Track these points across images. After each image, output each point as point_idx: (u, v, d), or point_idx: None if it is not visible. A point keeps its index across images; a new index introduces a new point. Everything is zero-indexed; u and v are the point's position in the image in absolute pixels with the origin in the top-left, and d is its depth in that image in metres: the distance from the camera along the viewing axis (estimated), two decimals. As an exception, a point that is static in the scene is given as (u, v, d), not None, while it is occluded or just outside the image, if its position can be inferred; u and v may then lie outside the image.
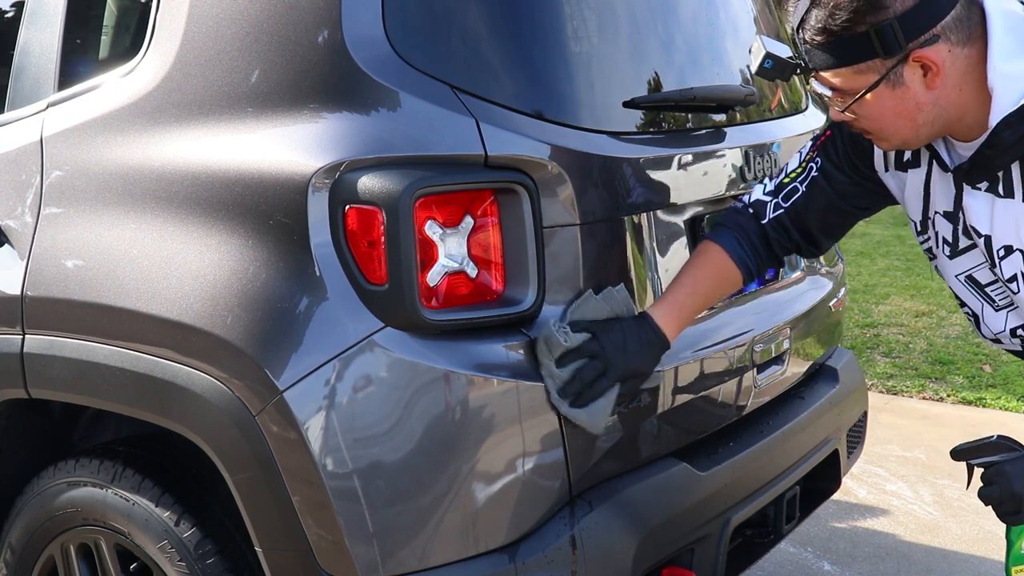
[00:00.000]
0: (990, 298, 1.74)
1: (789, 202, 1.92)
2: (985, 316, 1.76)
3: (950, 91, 1.55)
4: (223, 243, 1.77)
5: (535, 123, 1.81)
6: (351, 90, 1.75)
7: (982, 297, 1.75)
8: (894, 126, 1.60)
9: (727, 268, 1.94)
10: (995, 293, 1.73)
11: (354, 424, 1.69)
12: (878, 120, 1.60)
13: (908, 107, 1.56)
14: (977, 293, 1.75)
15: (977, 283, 1.74)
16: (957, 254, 1.74)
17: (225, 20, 1.84)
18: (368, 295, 1.69)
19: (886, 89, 1.55)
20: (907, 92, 1.55)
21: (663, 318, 1.88)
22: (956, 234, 1.72)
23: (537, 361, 1.78)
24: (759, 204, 1.96)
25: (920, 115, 1.57)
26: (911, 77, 1.54)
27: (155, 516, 1.93)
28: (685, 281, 1.93)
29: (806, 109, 2.70)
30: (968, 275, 1.74)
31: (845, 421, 2.61)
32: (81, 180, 1.96)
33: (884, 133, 1.63)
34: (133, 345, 1.86)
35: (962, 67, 1.53)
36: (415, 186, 1.66)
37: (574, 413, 1.79)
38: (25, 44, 2.13)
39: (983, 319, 1.77)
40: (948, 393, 4.91)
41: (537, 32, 1.88)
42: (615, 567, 1.84)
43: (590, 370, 1.79)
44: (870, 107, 1.58)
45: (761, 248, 1.96)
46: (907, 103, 1.56)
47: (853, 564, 3.33)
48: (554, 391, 1.78)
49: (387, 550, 1.71)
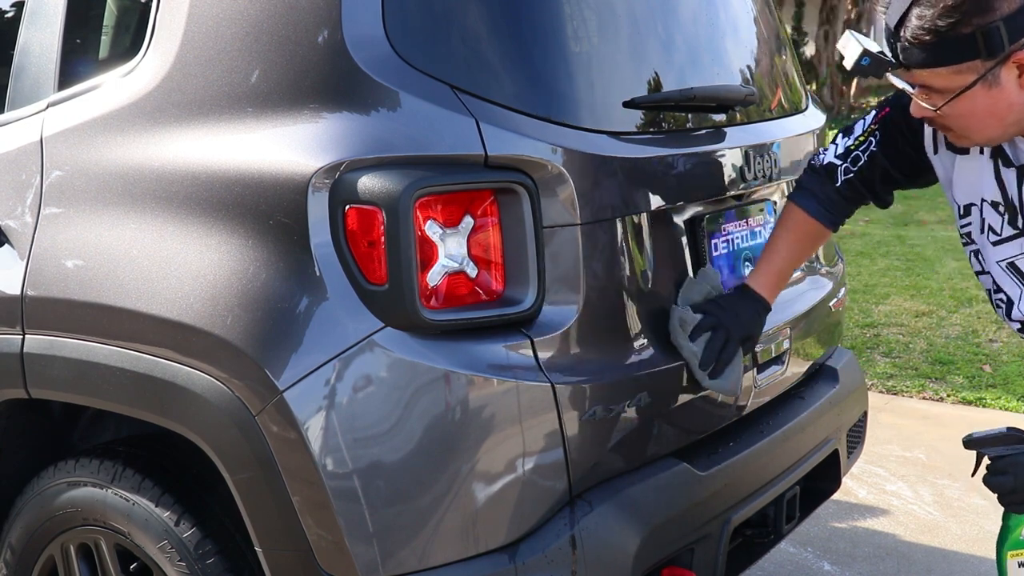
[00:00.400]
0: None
1: (856, 167, 2.01)
2: (1022, 302, 1.79)
3: None
4: (223, 243, 1.77)
5: (535, 123, 1.81)
6: (351, 90, 1.75)
7: (1022, 283, 1.78)
8: (982, 124, 1.61)
9: (814, 227, 2.08)
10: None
11: (354, 424, 1.69)
12: (967, 119, 1.61)
13: (1001, 107, 1.57)
14: (1018, 279, 1.79)
15: (1019, 270, 1.77)
16: (1002, 242, 1.77)
17: (225, 20, 1.84)
18: (368, 295, 1.69)
19: (982, 89, 1.56)
20: (1002, 93, 1.56)
21: (763, 285, 2.07)
22: (1003, 223, 1.75)
23: None
24: (831, 167, 2.04)
25: (1011, 115, 1.59)
26: (1007, 78, 1.55)
27: (155, 516, 1.93)
28: (778, 246, 2.10)
29: (806, 109, 2.70)
30: (1010, 262, 1.78)
31: (845, 421, 2.61)
32: (81, 180, 1.96)
33: (969, 131, 1.64)
34: (133, 345, 1.86)
35: None
36: (415, 186, 1.66)
37: (715, 384, 2.01)
38: (25, 44, 2.13)
39: (1018, 304, 1.80)
40: (948, 393, 4.91)
41: (537, 32, 1.88)
42: (615, 567, 1.84)
43: (717, 340, 1.98)
44: (962, 106, 1.59)
45: (839, 203, 2.07)
46: (1000, 103, 1.57)
47: (853, 564, 3.33)
48: (695, 365, 1.98)
49: (387, 550, 1.71)
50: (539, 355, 1.79)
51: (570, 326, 1.83)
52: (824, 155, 2.08)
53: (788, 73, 2.67)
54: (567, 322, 1.83)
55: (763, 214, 2.39)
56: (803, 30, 19.02)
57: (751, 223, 2.33)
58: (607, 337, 1.92)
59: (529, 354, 1.79)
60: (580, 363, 1.86)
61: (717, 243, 2.20)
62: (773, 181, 2.35)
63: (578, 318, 1.84)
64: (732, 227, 2.26)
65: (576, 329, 1.84)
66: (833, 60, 16.79)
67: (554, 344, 1.81)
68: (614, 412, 1.87)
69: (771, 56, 2.59)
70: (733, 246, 2.26)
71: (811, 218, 2.08)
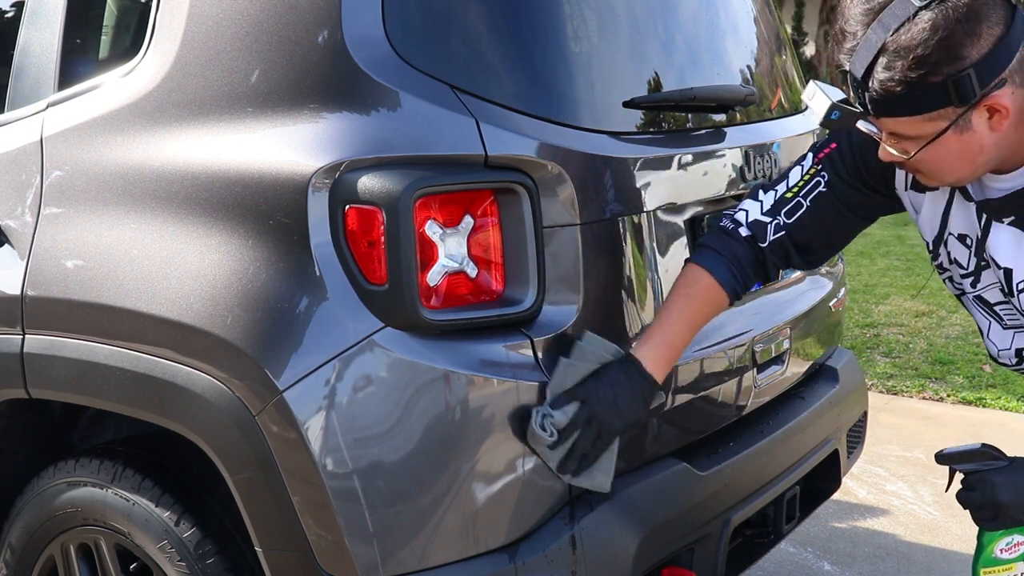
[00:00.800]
0: (998, 316, 1.75)
1: (793, 218, 1.86)
2: (991, 333, 1.77)
3: (1009, 130, 1.52)
4: (223, 243, 1.77)
5: (535, 123, 1.81)
6: (351, 90, 1.75)
7: (990, 315, 1.76)
8: (953, 167, 1.57)
9: (718, 297, 1.88)
10: (1004, 313, 1.74)
11: (354, 424, 1.69)
12: (939, 163, 1.56)
13: (972, 150, 1.53)
14: (986, 311, 1.76)
15: (986, 302, 1.75)
16: (968, 275, 1.74)
17: (225, 20, 1.84)
18: (368, 295, 1.69)
19: (953, 134, 1.51)
20: (973, 136, 1.51)
21: (653, 360, 1.82)
22: (968, 256, 1.71)
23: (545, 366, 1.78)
24: (757, 226, 1.87)
25: (981, 156, 1.54)
26: (978, 121, 1.50)
27: (155, 516, 1.93)
28: (675, 316, 1.86)
29: (806, 109, 2.70)
30: (978, 295, 1.75)
31: (845, 421, 2.61)
32: (81, 180, 1.96)
33: (941, 174, 1.59)
34: (133, 345, 1.86)
35: (1021, 106, 1.51)
36: (415, 186, 1.66)
37: (579, 481, 1.79)
38: (25, 44, 2.13)
39: (988, 335, 1.78)
40: (948, 393, 4.91)
41: (537, 32, 1.87)
42: (615, 567, 1.84)
43: (585, 440, 1.76)
44: (933, 151, 1.54)
45: (752, 273, 1.90)
46: (972, 146, 1.52)
47: (853, 564, 3.33)
48: (553, 468, 1.77)
49: (387, 550, 1.71)
50: (539, 355, 1.79)
51: (570, 326, 1.83)
52: (740, 215, 1.90)
53: (788, 73, 2.67)
54: (567, 322, 1.83)
55: (763, 214, 2.38)
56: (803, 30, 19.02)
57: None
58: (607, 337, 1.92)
59: (529, 354, 1.79)
60: (580, 363, 1.85)
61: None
62: (773, 181, 2.35)
63: (578, 318, 1.84)
64: (732, 227, 2.25)
65: (576, 329, 1.84)
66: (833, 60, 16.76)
67: (554, 344, 1.81)
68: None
69: (771, 56, 2.59)
70: (733, 246, 2.26)
71: (719, 286, 1.86)
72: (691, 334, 1.88)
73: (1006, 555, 1.76)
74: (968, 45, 1.44)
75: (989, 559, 1.77)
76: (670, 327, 1.86)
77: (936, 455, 1.79)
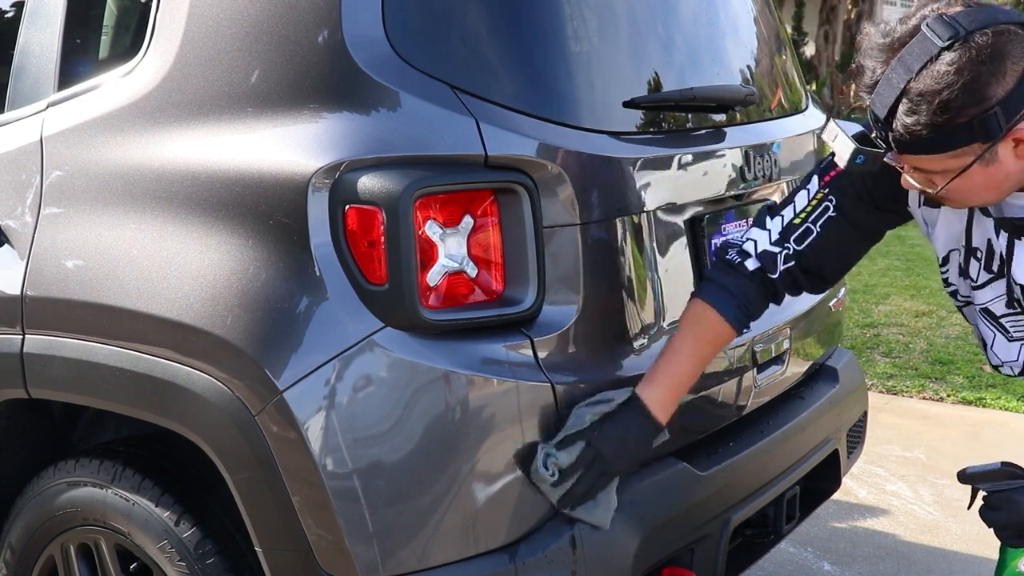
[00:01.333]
0: (1004, 329, 1.75)
1: (803, 245, 1.85)
2: (995, 345, 1.77)
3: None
4: (223, 243, 1.77)
5: (535, 123, 1.81)
6: (351, 90, 1.75)
7: (996, 327, 1.76)
8: (979, 195, 1.56)
9: (725, 334, 1.88)
10: (1010, 325, 1.74)
11: (354, 424, 1.69)
12: (964, 192, 1.55)
13: (999, 179, 1.52)
14: (991, 324, 1.76)
15: (992, 314, 1.75)
16: (978, 288, 1.74)
17: (225, 20, 1.84)
18: (368, 295, 1.69)
19: (979, 167, 1.50)
20: (1000, 168, 1.50)
21: (659, 402, 1.82)
22: (979, 269, 1.71)
23: None
24: (767, 256, 1.86)
25: (1007, 183, 1.54)
26: (1005, 152, 1.49)
27: (155, 516, 1.93)
28: (682, 358, 1.85)
29: (806, 109, 2.70)
30: (984, 308, 1.75)
31: (845, 421, 2.61)
32: (81, 180, 1.96)
33: (966, 201, 1.59)
34: (133, 345, 1.86)
35: None
36: (415, 186, 1.66)
37: (580, 515, 1.79)
38: (25, 44, 2.13)
39: (991, 347, 1.78)
40: (948, 393, 4.91)
41: (537, 32, 1.87)
42: (615, 567, 1.84)
43: (587, 479, 1.77)
44: (959, 183, 1.53)
45: (761, 305, 1.90)
46: (998, 176, 1.52)
47: (853, 564, 3.33)
48: (554, 503, 1.79)
49: (387, 550, 1.71)
50: (539, 355, 1.79)
51: (570, 326, 1.83)
52: (748, 245, 1.88)
53: (788, 73, 2.67)
54: (567, 322, 1.83)
55: (763, 214, 2.38)
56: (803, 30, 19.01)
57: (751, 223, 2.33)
58: (607, 337, 1.92)
59: (529, 354, 1.79)
60: (580, 363, 1.86)
61: (717, 243, 2.20)
62: (773, 181, 2.35)
63: (578, 318, 1.84)
64: (732, 227, 2.26)
65: (576, 329, 1.84)
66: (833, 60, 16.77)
67: (554, 344, 1.81)
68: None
69: (771, 56, 2.59)
70: (733, 246, 2.26)
71: (726, 322, 1.86)
72: (698, 373, 1.89)
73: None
74: (994, 85, 1.43)
75: (1014, 573, 1.78)
76: (677, 368, 1.86)
77: (958, 474, 1.77)
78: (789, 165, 2.44)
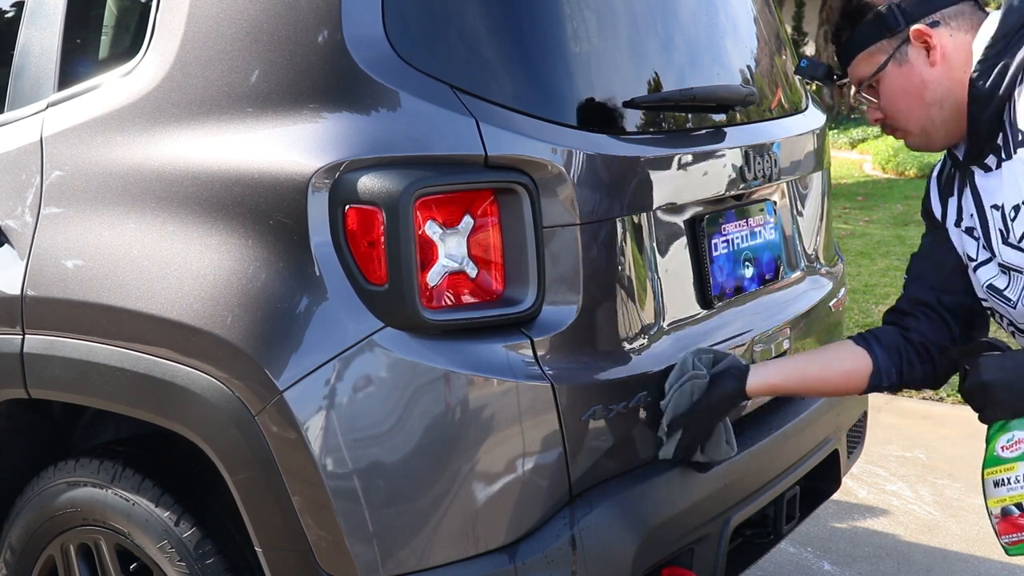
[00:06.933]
0: (1007, 299, 1.80)
1: None
2: (1015, 316, 1.81)
3: (956, 72, 1.74)
4: (223, 243, 1.77)
5: (535, 123, 1.81)
6: (351, 90, 1.75)
7: (1003, 300, 1.81)
8: (906, 105, 1.78)
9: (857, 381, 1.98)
10: (1009, 291, 1.79)
11: (354, 424, 1.69)
12: (892, 101, 1.79)
13: (915, 83, 1.76)
14: (999, 299, 1.82)
15: (997, 289, 1.81)
16: (980, 266, 1.83)
17: (225, 20, 1.84)
18: (368, 295, 1.69)
19: (894, 68, 1.77)
20: (912, 69, 1.76)
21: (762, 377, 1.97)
22: (978, 248, 1.83)
23: None
24: None
25: (927, 93, 1.76)
26: (915, 56, 1.76)
27: (155, 516, 1.93)
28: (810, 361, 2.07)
29: (806, 109, 2.70)
30: (989, 284, 1.83)
31: (845, 421, 2.61)
32: (81, 180, 1.96)
33: (900, 117, 1.81)
34: (133, 345, 1.86)
35: (965, 52, 1.74)
36: (415, 186, 1.66)
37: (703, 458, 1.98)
38: (25, 44, 2.13)
39: (1015, 319, 1.82)
40: (948, 393, 4.91)
41: (537, 32, 1.88)
42: (615, 567, 1.84)
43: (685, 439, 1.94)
44: (883, 88, 1.79)
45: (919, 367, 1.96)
46: (913, 79, 1.76)
47: (853, 564, 3.33)
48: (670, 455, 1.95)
49: (387, 550, 1.71)
50: (539, 355, 1.79)
51: (570, 326, 1.83)
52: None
53: (788, 73, 2.67)
54: (567, 322, 1.83)
55: (763, 214, 2.39)
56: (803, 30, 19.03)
57: (751, 223, 2.33)
58: (607, 337, 1.92)
59: (529, 354, 1.79)
60: (580, 363, 1.86)
61: (717, 243, 2.20)
62: (773, 181, 2.35)
63: (578, 318, 1.84)
64: (732, 227, 2.26)
65: (576, 329, 1.84)
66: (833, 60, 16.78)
67: (554, 344, 1.81)
68: (614, 412, 1.87)
69: (771, 56, 2.59)
70: (733, 246, 2.26)
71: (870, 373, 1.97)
72: (806, 386, 2.06)
73: (1007, 454, 1.72)
74: None
75: (992, 459, 1.74)
76: (796, 363, 2.06)
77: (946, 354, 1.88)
78: (789, 165, 2.45)
